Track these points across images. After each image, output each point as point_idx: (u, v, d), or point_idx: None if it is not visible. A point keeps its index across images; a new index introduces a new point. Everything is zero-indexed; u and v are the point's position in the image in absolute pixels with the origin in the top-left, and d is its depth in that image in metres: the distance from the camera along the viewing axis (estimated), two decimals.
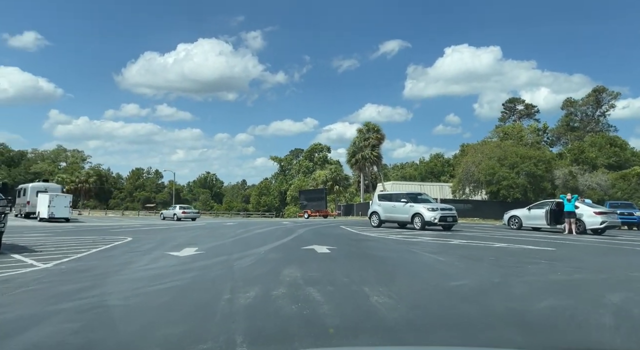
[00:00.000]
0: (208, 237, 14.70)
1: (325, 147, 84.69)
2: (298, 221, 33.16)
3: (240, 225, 23.80)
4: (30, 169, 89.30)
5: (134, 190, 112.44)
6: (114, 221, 34.50)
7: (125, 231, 18.48)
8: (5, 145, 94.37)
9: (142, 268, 7.82)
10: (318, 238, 14.64)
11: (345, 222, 29.27)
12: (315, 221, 33.15)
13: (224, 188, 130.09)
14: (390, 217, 20.12)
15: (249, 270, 7.67)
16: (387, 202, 20.34)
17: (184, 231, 18.26)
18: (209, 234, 16.64)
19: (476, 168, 43.13)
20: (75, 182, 66.31)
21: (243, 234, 16.26)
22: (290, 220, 38.98)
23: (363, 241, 13.85)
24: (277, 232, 17.29)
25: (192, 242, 12.80)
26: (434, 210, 18.44)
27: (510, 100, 67.50)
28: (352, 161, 44.37)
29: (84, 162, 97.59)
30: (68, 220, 31.07)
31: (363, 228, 20.31)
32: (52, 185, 35.79)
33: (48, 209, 30.37)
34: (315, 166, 77.90)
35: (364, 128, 44.95)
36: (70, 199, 31.75)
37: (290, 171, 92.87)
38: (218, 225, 23.89)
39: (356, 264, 8.62)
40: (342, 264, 8.53)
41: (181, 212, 39.71)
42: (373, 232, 17.29)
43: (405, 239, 14.41)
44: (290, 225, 23.10)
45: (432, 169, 72.86)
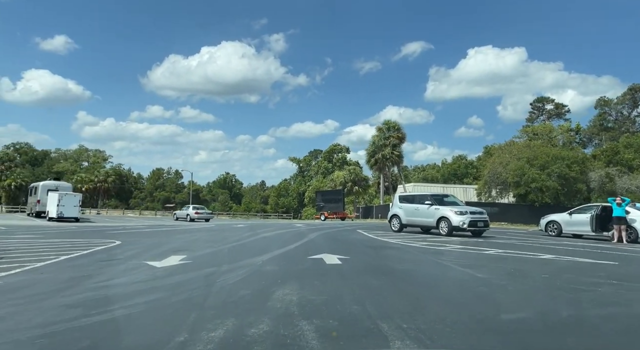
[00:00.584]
0: (206, 242, 12.99)
1: (345, 148, 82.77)
2: (313, 224, 31.34)
3: (250, 227, 22.12)
4: (52, 169, 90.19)
5: (154, 190, 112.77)
6: (125, 221, 33.37)
7: (123, 233, 17.00)
8: (30, 145, 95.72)
9: (96, 285, 6.10)
10: (330, 244, 12.77)
11: (363, 226, 27.29)
12: (332, 224, 31.26)
13: (244, 189, 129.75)
14: (412, 221, 18.08)
15: (231, 291, 5.86)
16: (409, 205, 18.30)
17: (185, 234, 16.63)
18: (211, 237, 14.95)
19: (503, 169, 40.52)
20: (94, 182, 66.13)
21: (247, 238, 14.51)
22: (305, 222, 37.17)
23: (381, 249, 11.90)
24: (285, 236, 15.50)
25: (185, 247, 11.10)
26: (463, 213, 16.33)
27: (538, 99, 64.23)
28: (371, 161, 42.23)
29: (105, 162, 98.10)
30: (77, 220, 30.03)
31: (382, 233, 18.34)
32: (63, 184, 34.91)
33: (57, 209, 29.38)
34: (334, 167, 76.02)
35: (384, 127, 42.75)
36: (79, 199, 30.71)
37: (309, 172, 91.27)
38: (227, 228, 22.25)
39: (372, 283, 6.71)
40: (353, 282, 6.64)
41: (194, 213, 38.42)
42: (393, 238, 15.32)
43: (431, 246, 12.40)
44: (302, 228, 21.28)
45: (455, 170, 70.06)
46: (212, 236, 15.34)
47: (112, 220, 34.73)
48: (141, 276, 6.87)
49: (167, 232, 18.34)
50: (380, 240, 14.51)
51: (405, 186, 60.74)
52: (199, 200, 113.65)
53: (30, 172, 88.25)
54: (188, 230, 19.25)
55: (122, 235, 15.54)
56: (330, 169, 76.07)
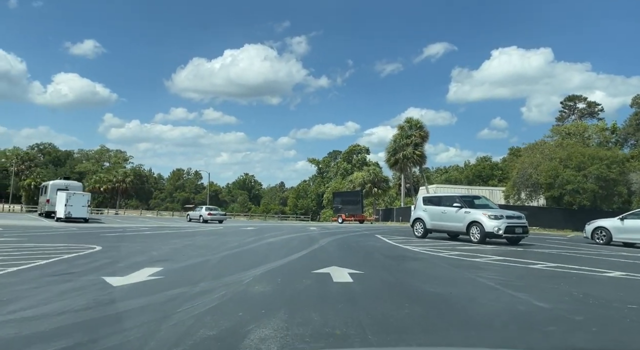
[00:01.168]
0: (199, 248, 11.21)
1: (364, 149, 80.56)
2: (329, 227, 29.35)
3: (259, 231, 20.32)
4: (75, 169, 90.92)
5: (174, 191, 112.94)
6: (135, 222, 32.12)
7: (117, 236, 15.44)
8: (53, 145, 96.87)
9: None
10: (343, 253, 10.84)
11: (383, 230, 25.19)
12: (349, 227, 29.24)
13: (263, 190, 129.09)
14: (438, 226, 15.95)
15: (189, 330, 3.99)
16: (434, 207, 16.18)
17: (183, 238, 14.91)
18: (208, 242, 13.18)
19: (534, 170, 37.76)
20: (112, 182, 65.78)
21: (249, 245, 12.68)
22: (321, 225, 35.23)
23: (404, 260, 9.89)
24: (293, 242, 13.63)
25: (169, 256, 9.35)
26: (498, 218, 14.13)
27: (569, 98, 60.70)
28: (391, 161, 39.92)
29: (126, 162, 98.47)
30: (86, 221, 28.88)
31: (404, 239, 16.27)
32: (73, 183, 33.93)
33: (65, 209, 28.29)
34: (353, 168, 73.90)
35: (406, 125, 40.39)
36: (88, 199, 29.54)
37: (328, 173, 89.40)
38: (233, 231, 20.50)
39: (392, 315, 4.74)
40: (366, 315, 4.69)
41: (207, 214, 36.93)
42: (417, 245, 13.26)
43: (463, 258, 10.31)
44: (315, 233, 19.37)
45: (480, 172, 67.02)
46: (211, 241, 13.57)
47: (123, 221, 33.57)
48: (80, 301, 5.08)
49: (166, 235, 16.71)
50: (402, 249, 12.48)
51: (428, 188, 58.17)
52: (218, 201, 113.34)
53: (53, 172, 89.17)
54: (189, 234, 17.58)
55: (113, 239, 13.95)
56: (350, 170, 73.99)
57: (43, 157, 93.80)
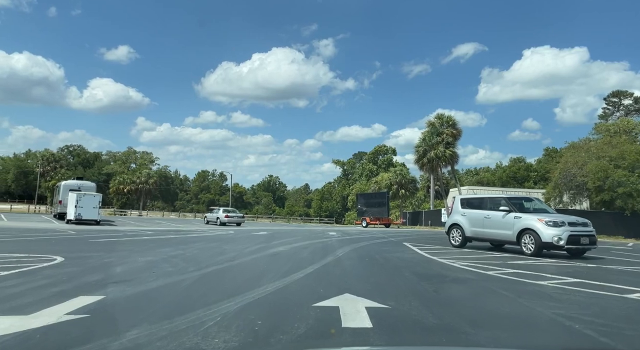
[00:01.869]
0: (182, 263, 8.95)
1: (391, 149, 77.51)
2: (351, 231, 26.79)
3: (271, 236, 18.00)
4: (102, 170, 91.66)
5: (199, 192, 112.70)
6: (150, 224, 30.53)
7: (102, 243, 13.45)
8: (82, 147, 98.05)
9: None
10: (362, 270, 8.39)
11: (412, 236, 22.47)
12: (373, 232, 26.61)
13: (287, 192, 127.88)
14: (480, 234, 13.23)
15: None
16: (475, 211, 13.46)
17: (175, 247, 12.72)
18: (199, 254, 10.92)
19: (579, 170, 34.13)
20: (136, 183, 65.21)
21: (248, 256, 10.35)
22: (344, 228, 32.68)
23: (444, 283, 7.33)
24: (303, 253, 11.23)
25: (132, 275, 7.12)
26: (558, 225, 11.33)
27: (613, 93, 56.10)
28: (422, 161, 36.83)
29: (152, 164, 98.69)
30: (98, 223, 27.41)
31: (438, 248, 13.64)
32: (86, 184, 32.63)
33: (75, 210, 26.87)
34: (379, 169, 71.00)
35: (437, 121, 37.27)
36: (99, 199, 28.00)
37: (353, 175, 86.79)
38: (243, 236, 18.26)
39: None
40: None
41: (224, 216, 35.03)
42: (456, 258, 10.63)
43: (523, 278, 7.65)
44: (334, 239, 16.91)
45: (515, 173, 62.93)
46: (206, 250, 11.32)
47: (137, 223, 32.05)
48: None
49: (164, 241, 14.64)
50: (438, 263, 9.88)
51: (460, 189, 54.68)
52: (242, 202, 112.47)
53: (81, 174, 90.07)
54: (190, 240, 15.44)
55: (96, 246, 11.95)
56: (375, 171, 71.14)
57: (72, 159, 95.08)
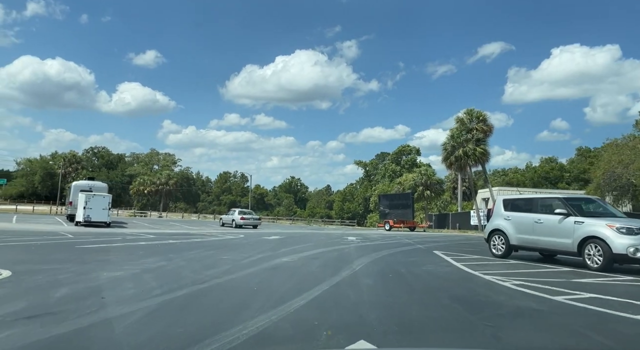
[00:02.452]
0: (152, 281, 6.99)
1: (415, 149, 74.57)
2: (373, 235, 24.51)
3: (281, 242, 15.96)
4: (125, 172, 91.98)
5: (221, 194, 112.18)
6: (162, 227, 29.05)
7: (88, 250, 11.71)
8: (107, 149, 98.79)
9: None
10: (384, 295, 6.24)
11: (441, 241, 20.07)
12: (398, 236, 24.26)
13: (309, 193, 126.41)
14: (529, 242, 10.85)
15: None
16: (523, 215, 11.09)
17: (162, 256, 10.76)
18: (182, 266, 8.94)
19: (624, 170, 30.92)
20: (156, 184, 64.55)
21: (241, 271, 8.30)
22: (365, 232, 30.39)
23: (500, 316, 5.11)
24: (312, 265, 9.14)
25: (61, 305, 5.18)
26: (634, 232, 8.90)
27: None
28: (450, 160, 34.10)
29: (174, 165, 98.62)
30: (108, 225, 26.10)
31: (476, 258, 11.34)
32: (97, 184, 31.41)
33: (84, 211, 25.59)
34: (402, 170, 68.30)
35: (466, 117, 34.47)
36: (109, 200, 26.62)
37: (376, 176, 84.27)
38: (250, 242, 16.29)
39: None
40: None
41: (240, 218, 33.24)
42: (503, 273, 8.35)
43: (609, 309, 5.34)
44: (352, 246, 14.73)
45: (547, 173, 59.20)
46: (192, 263, 9.33)
47: (150, 225, 30.67)
48: None
49: (157, 247, 12.83)
50: (483, 281, 7.63)
51: (492, 190, 51.52)
52: (264, 204, 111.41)
53: (105, 175, 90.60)
54: (187, 247, 13.57)
55: (77, 253, 10.21)
56: (399, 172, 68.47)
57: (97, 161, 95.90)
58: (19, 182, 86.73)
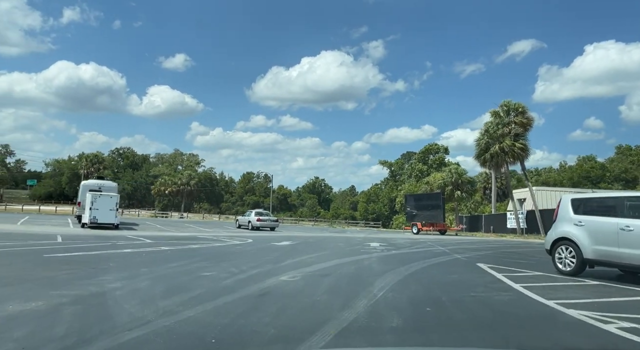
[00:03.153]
0: (87, 315, 4.69)
1: (442, 148, 71.00)
2: (399, 241, 21.78)
3: (290, 251, 13.50)
4: (150, 172, 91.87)
5: (244, 194, 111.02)
6: (174, 229, 27.22)
7: (43, 260, 9.60)
8: (132, 150, 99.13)
9: None
10: (424, 342, 3.68)
11: (481, 248, 17.19)
12: (428, 242, 21.45)
13: (333, 194, 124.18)
14: (613, 256, 8.02)
15: None
16: (602, 219, 8.28)
17: (126, 272, 8.44)
18: (136, 291, 6.58)
19: None
20: (177, 184, 63.46)
21: (211, 300, 5.80)
22: (390, 236, 27.61)
23: None
24: (317, 288, 6.63)
25: None
26: None
27: None
28: (484, 156, 30.75)
29: (198, 166, 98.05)
30: (116, 227, 24.41)
31: (537, 275, 8.60)
32: (107, 183, 29.80)
33: (90, 213, 23.94)
34: (430, 169, 64.91)
35: (502, 110, 31.03)
36: (116, 201, 24.80)
37: (401, 176, 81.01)
38: (251, 249, 13.90)
39: None
40: None
41: (256, 220, 31.09)
42: (591, 304, 5.64)
43: None
44: (375, 255, 12.12)
45: (588, 173, 54.74)
46: (156, 284, 6.94)
47: (162, 227, 28.91)
48: None
49: (139, 256, 10.64)
50: (573, 322, 4.94)
51: (532, 190, 47.75)
52: (287, 204, 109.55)
53: (130, 176, 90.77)
54: (171, 256, 11.31)
55: (12, 269, 8.04)
56: (426, 171, 65.10)
57: (122, 161, 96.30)
58: (48, 182, 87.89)
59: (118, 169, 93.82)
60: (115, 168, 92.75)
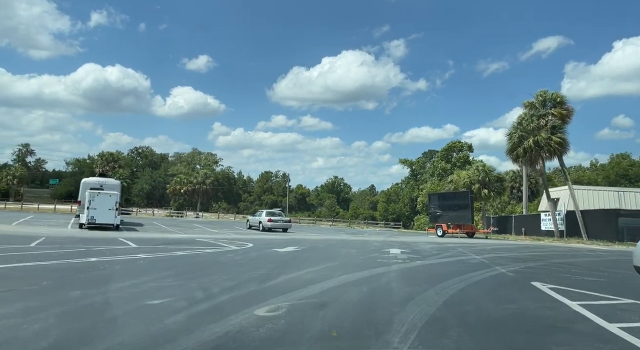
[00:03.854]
0: None
1: (466, 145, 67.51)
2: (422, 246, 19.09)
3: (287, 262, 11.00)
4: (168, 171, 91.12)
5: (262, 194, 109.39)
6: (181, 230, 25.29)
7: None
8: (151, 149, 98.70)
9: None
10: None
11: (523, 257, 14.38)
12: (457, 246, 18.71)
13: (353, 194, 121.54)
14: None
15: None
16: None
17: (49, 295, 6.20)
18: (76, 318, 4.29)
19: None
20: (192, 183, 61.99)
21: None
22: (411, 240, 24.87)
23: None
24: (310, 330, 4.16)
25: None
26: None
27: None
28: (517, 152, 27.48)
29: (216, 165, 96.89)
30: (117, 227, 22.58)
31: (631, 305, 5.95)
32: (109, 181, 27.99)
33: (87, 212, 22.14)
34: (453, 168, 61.58)
35: (537, 101, 27.67)
36: (116, 199, 22.89)
37: (423, 175, 77.74)
38: (243, 258, 11.48)
39: None
40: None
41: (267, 220, 28.88)
42: None
43: None
44: (395, 268, 9.54)
45: (626, 171, 50.53)
46: (83, 316, 4.71)
47: (168, 227, 27.02)
48: None
49: (88, 273, 8.42)
50: None
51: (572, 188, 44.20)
52: (305, 204, 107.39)
53: (149, 175, 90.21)
54: (130, 272, 9.04)
55: None
56: (449, 170, 61.81)
57: (141, 160, 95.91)
58: (68, 182, 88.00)
59: (137, 168, 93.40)
60: (134, 167, 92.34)
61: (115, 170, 58.47)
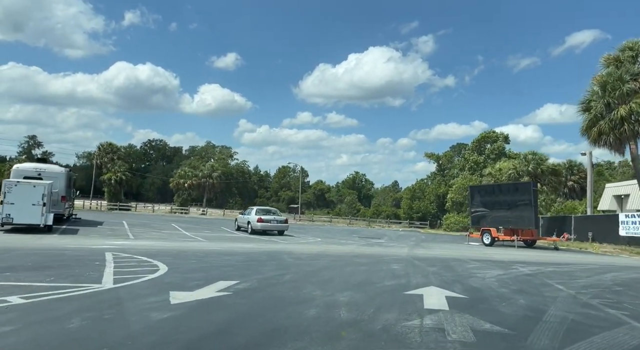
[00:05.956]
0: None
1: (502, 136, 58.89)
2: (468, 261, 11.44)
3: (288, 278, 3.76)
4: (181, 164, 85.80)
5: (279, 190, 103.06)
6: (152, 231, 18.64)
7: None
8: (164, 142, 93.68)
9: None
10: None
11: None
12: (538, 272, 11.07)
13: (375, 190, 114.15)
14: None
15: None
16: None
17: None
18: None
19: None
20: (198, 177, 55.85)
21: None
22: (448, 247, 17.00)
23: None
24: None
25: None
26: None
27: None
28: (598, 127, 18.59)
29: (230, 159, 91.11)
30: (49, 229, 16.14)
31: None
32: (51, 168, 21.49)
33: (2, 208, 15.73)
34: (487, 161, 53.18)
35: (626, 55, 18.94)
36: (43, 191, 16.16)
37: (451, 170, 69.35)
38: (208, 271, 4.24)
39: None
40: None
41: (257, 220, 21.74)
42: None
43: None
44: None
45: None
46: None
47: (129, 229, 20.49)
48: None
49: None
50: None
51: (617, 185, 35.57)
52: (324, 201, 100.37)
53: (161, 168, 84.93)
54: None
55: None
56: (482, 163, 53.44)
57: (153, 154, 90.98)
58: (80, 176, 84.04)
59: (150, 161, 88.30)
60: (147, 160, 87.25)
61: (114, 162, 52.80)
